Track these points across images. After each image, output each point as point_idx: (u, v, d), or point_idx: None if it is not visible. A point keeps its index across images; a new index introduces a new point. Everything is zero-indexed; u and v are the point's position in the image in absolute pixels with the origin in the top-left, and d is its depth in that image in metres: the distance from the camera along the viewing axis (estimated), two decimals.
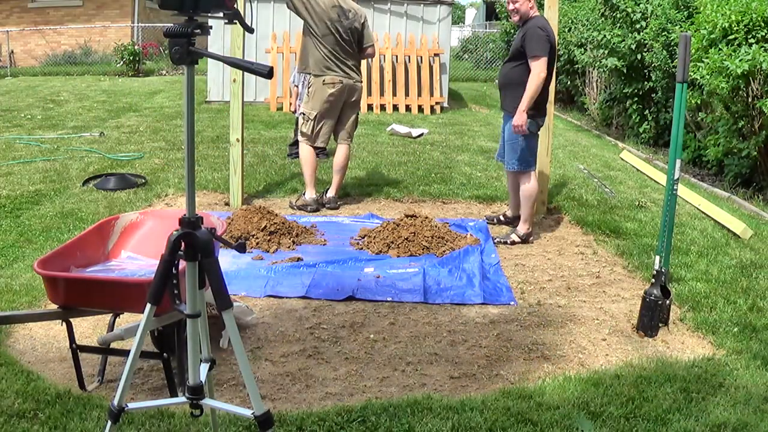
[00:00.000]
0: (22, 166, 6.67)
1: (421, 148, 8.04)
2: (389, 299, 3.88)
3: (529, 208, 4.91)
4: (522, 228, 4.96)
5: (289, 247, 4.67)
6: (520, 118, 4.62)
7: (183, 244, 1.96)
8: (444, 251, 4.55)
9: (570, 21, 11.66)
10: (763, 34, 6.01)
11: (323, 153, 7.26)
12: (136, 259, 3.09)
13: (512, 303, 3.87)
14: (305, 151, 5.63)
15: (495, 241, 4.87)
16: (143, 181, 6.20)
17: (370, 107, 11.05)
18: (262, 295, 3.91)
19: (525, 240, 4.94)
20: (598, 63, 9.71)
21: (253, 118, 9.63)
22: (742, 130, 6.34)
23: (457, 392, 2.92)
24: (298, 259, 4.42)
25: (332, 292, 3.94)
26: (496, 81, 5.20)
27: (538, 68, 4.57)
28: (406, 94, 11.23)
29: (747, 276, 4.21)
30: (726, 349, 3.30)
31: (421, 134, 8.97)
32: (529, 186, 4.87)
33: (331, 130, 5.67)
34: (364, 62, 11.28)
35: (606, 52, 9.03)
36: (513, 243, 4.91)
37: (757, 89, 5.97)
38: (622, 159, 7.93)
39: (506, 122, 4.86)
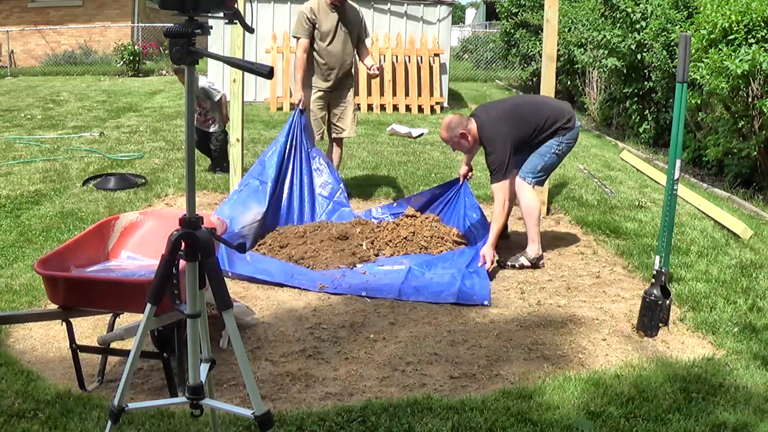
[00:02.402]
0: (22, 166, 6.67)
1: (421, 148, 8.04)
2: (363, 294, 3.91)
3: (534, 227, 4.40)
4: (531, 250, 4.42)
5: None
6: (489, 252, 4.25)
7: (183, 244, 1.97)
8: (441, 251, 4.54)
9: (570, 21, 11.65)
10: (763, 34, 6.01)
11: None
12: (136, 259, 3.09)
13: (486, 302, 3.85)
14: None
15: (506, 264, 4.48)
16: (143, 181, 6.20)
17: (370, 107, 11.04)
18: (245, 273, 4.09)
19: (535, 264, 4.40)
20: (598, 63, 9.71)
21: (253, 118, 9.63)
22: (742, 130, 6.34)
23: (457, 392, 2.92)
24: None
25: (311, 282, 4.04)
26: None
27: (500, 196, 4.26)
28: (406, 94, 11.22)
29: (747, 276, 4.21)
30: (726, 349, 3.30)
31: (421, 134, 8.96)
32: (528, 200, 4.39)
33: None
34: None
35: (606, 52, 9.03)
36: (522, 267, 4.42)
37: (757, 89, 5.97)
38: (622, 159, 7.93)
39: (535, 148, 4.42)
